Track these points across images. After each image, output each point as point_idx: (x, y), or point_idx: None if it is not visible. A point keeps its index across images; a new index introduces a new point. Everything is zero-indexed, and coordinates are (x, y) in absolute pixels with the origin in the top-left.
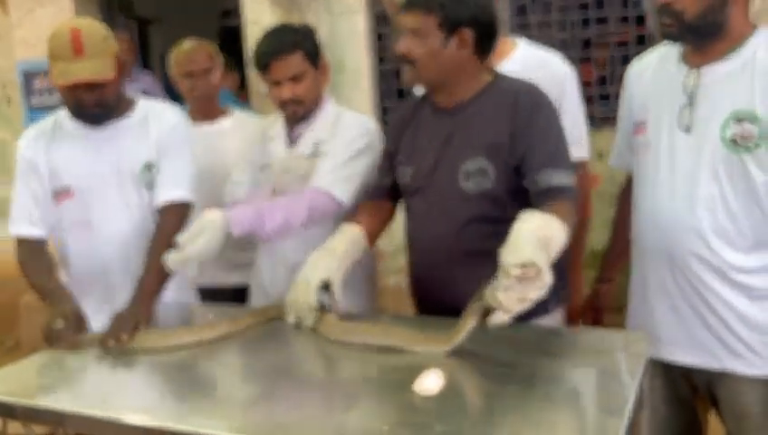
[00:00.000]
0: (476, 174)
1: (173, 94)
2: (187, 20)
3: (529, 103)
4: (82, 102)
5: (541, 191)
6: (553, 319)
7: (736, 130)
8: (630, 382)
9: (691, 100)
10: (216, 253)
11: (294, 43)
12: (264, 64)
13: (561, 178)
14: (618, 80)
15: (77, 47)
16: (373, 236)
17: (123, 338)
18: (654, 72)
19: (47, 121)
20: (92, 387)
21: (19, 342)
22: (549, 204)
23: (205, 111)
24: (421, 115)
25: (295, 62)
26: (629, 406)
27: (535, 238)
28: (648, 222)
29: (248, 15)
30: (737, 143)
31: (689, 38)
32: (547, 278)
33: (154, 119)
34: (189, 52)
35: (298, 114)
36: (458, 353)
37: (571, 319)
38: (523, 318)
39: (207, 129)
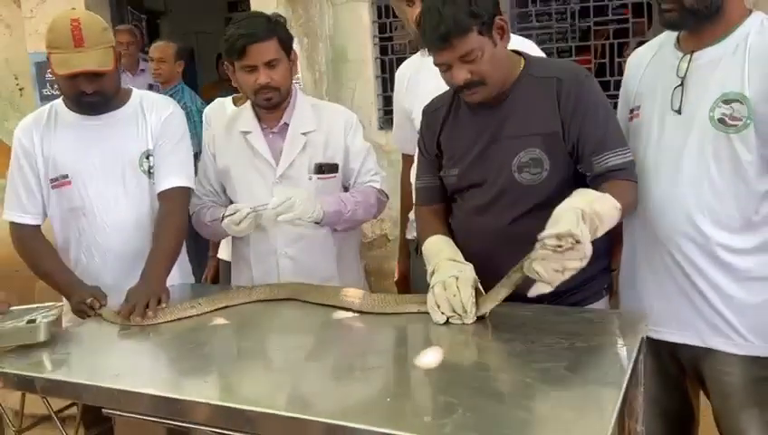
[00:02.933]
0: (531, 165)
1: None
2: (195, 12)
3: (572, 86)
4: (82, 92)
5: (598, 174)
6: (603, 304)
7: (725, 111)
8: (626, 359)
9: (683, 82)
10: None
11: (271, 29)
12: (239, 49)
13: (616, 159)
14: (617, 69)
15: (77, 38)
16: None
17: (149, 314)
18: (650, 60)
19: (43, 111)
20: (108, 361)
21: None
22: (606, 184)
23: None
24: (458, 113)
25: (272, 47)
26: (625, 381)
27: (576, 212)
28: (639, 202)
29: (254, 7)
30: (725, 123)
31: (690, 23)
32: (587, 250)
33: (149, 108)
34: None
35: (273, 101)
36: (457, 330)
37: None
38: (575, 304)
39: None
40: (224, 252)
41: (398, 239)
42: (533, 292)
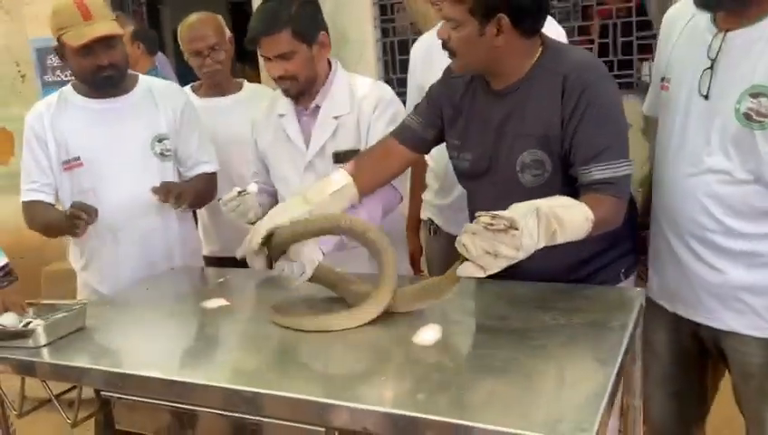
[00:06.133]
0: (533, 166)
1: (185, 72)
2: None
3: (577, 86)
4: (98, 67)
5: (582, 185)
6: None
7: (752, 105)
8: (622, 335)
9: (713, 65)
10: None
11: (284, 21)
12: (250, 40)
13: (603, 173)
14: (620, 49)
15: (85, 13)
16: (371, 187)
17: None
18: (686, 24)
19: (53, 97)
20: (107, 344)
21: None
22: (587, 195)
23: (216, 85)
24: (474, 94)
25: (283, 40)
26: (620, 357)
27: (530, 207)
28: (661, 184)
29: None
30: (751, 118)
31: (728, 3)
32: (525, 242)
33: (160, 95)
34: (194, 29)
35: (291, 91)
36: (455, 307)
37: None
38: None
39: (219, 102)
40: (206, 248)
41: (406, 219)
42: (462, 271)
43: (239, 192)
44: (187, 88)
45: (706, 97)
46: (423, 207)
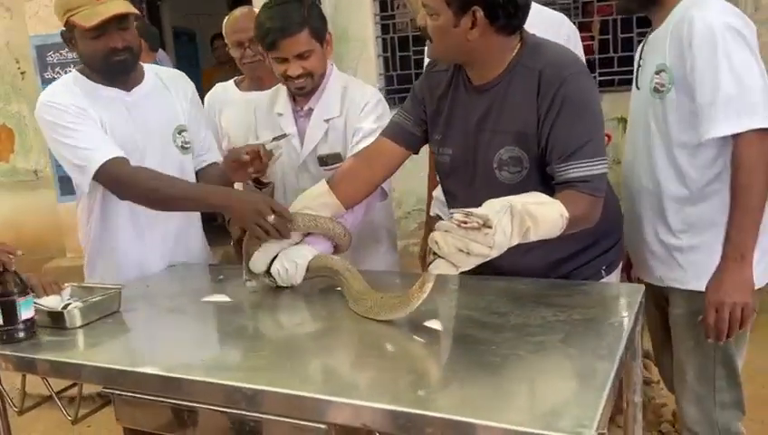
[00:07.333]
0: (510, 163)
1: (185, 71)
2: None
3: (553, 82)
4: (112, 49)
5: (558, 183)
6: (611, 280)
7: (657, 80)
8: (622, 330)
9: (640, 62)
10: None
11: (302, 20)
12: (270, 42)
13: (579, 171)
14: (620, 45)
15: None
16: (357, 194)
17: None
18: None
19: (65, 79)
20: (107, 341)
21: None
22: (562, 193)
23: (258, 79)
24: (456, 89)
25: (303, 40)
26: (620, 352)
27: (504, 204)
28: (624, 164)
29: None
30: (658, 90)
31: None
32: (498, 240)
33: (171, 82)
34: (237, 21)
35: (306, 89)
36: (455, 303)
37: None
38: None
39: (260, 96)
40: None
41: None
42: (434, 268)
43: (274, 137)
44: (230, 82)
45: (639, 88)
46: (432, 204)
